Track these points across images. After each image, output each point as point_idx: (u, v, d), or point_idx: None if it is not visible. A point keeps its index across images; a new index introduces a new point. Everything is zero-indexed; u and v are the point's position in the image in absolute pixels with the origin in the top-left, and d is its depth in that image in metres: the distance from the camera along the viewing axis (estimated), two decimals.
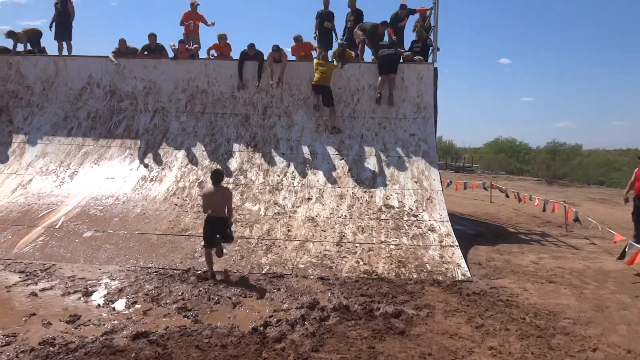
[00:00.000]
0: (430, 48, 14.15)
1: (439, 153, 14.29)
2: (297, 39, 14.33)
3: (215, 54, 14.81)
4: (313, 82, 13.25)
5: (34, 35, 15.44)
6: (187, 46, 14.58)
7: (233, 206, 9.16)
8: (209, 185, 8.96)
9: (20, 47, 15.24)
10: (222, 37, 14.69)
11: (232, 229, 8.89)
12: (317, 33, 15.20)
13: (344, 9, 15.45)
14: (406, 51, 14.06)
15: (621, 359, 5.71)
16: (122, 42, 14.61)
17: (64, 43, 15.57)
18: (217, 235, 8.52)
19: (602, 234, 12.70)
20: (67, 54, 15.48)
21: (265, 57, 13.70)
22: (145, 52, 14.72)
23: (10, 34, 15.01)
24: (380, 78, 13.40)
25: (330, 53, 14.13)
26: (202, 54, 15.13)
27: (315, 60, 13.42)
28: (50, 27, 15.51)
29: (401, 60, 13.66)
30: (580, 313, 7.26)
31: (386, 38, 14.43)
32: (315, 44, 14.87)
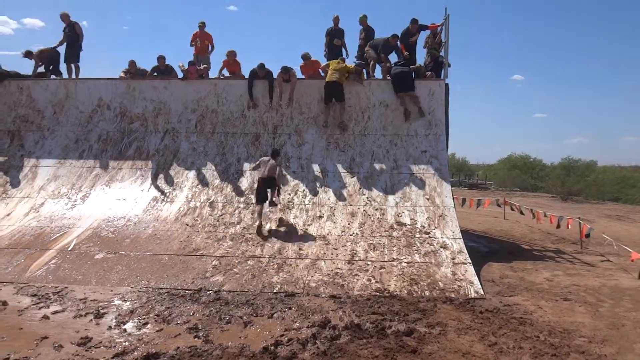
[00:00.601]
0: (442, 64, 14.13)
1: (452, 170, 14.27)
2: (305, 57, 14.36)
3: (226, 73, 14.89)
4: (327, 80, 13.33)
5: (51, 57, 15.61)
6: (197, 67, 14.67)
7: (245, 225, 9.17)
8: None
9: (41, 69, 15.48)
10: (231, 54, 14.76)
11: (276, 198, 11.60)
12: (327, 50, 15.26)
13: (353, 27, 15.56)
14: (418, 65, 14.07)
15: None
16: (132, 63, 14.76)
17: (72, 66, 15.75)
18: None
19: (617, 251, 12.54)
20: (74, 76, 15.64)
21: (275, 77, 13.75)
22: (155, 74, 14.82)
23: (28, 54, 15.23)
24: (398, 97, 13.43)
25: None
26: (213, 74, 15.22)
27: (332, 62, 13.55)
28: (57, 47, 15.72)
29: (414, 76, 13.67)
30: (596, 331, 7.14)
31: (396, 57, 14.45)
32: (324, 61, 14.90)
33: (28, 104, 14.88)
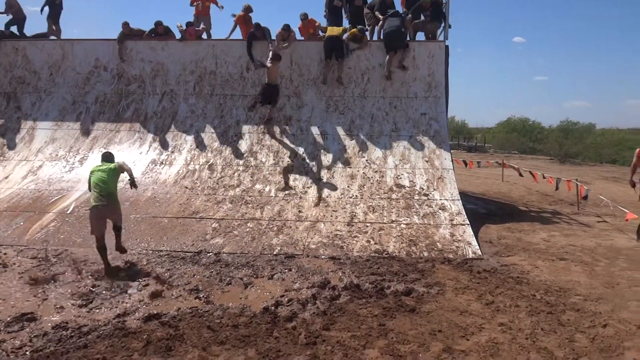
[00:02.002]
0: (442, 22, 13.94)
1: (451, 133, 14.23)
2: (303, 17, 14.19)
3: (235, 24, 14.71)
4: (327, 34, 13.29)
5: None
6: (195, 28, 14.45)
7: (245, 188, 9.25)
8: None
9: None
10: (247, 9, 14.57)
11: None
12: (327, 11, 15.03)
13: None
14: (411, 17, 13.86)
15: (631, 335, 5.67)
16: (126, 24, 14.37)
17: (54, 27, 15.49)
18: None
19: (613, 212, 12.63)
20: (54, 37, 15.44)
21: (274, 37, 13.59)
22: (153, 35, 14.57)
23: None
24: (387, 56, 13.29)
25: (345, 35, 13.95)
26: (215, 35, 15.00)
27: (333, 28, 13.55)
28: (42, 10, 15.45)
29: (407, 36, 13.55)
30: (591, 290, 7.23)
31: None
32: (324, 22, 14.71)
33: (24, 65, 14.71)
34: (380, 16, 13.82)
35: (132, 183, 8.41)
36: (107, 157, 8.72)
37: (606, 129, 50.14)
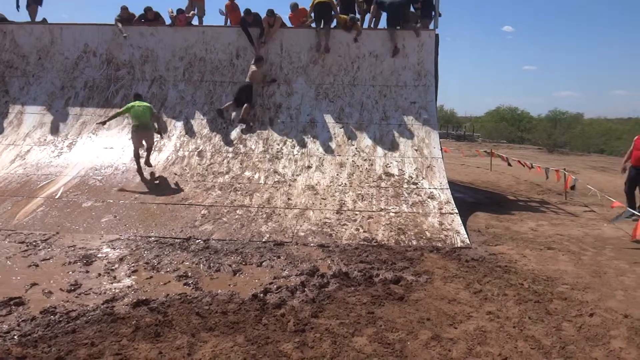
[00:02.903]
0: (433, 13, 13.92)
1: (440, 122, 14.23)
2: (293, 6, 14.14)
3: (224, 12, 14.75)
4: (316, 1, 13.34)
5: None
6: (186, 14, 14.35)
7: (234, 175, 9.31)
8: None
9: None
10: None
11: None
12: None
13: None
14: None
15: (618, 324, 5.73)
16: (125, 9, 14.27)
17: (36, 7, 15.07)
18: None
19: (601, 202, 12.72)
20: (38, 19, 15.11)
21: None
22: (143, 20, 14.49)
23: None
24: (389, 32, 13.35)
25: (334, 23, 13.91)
26: (207, 20, 14.96)
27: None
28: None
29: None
30: (578, 279, 7.28)
31: None
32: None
33: (12, 49, 14.55)
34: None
35: (159, 131, 12.17)
36: (139, 97, 12.16)
37: (594, 119, 50.52)
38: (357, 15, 14.15)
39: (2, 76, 14.28)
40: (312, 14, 13.54)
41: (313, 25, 13.62)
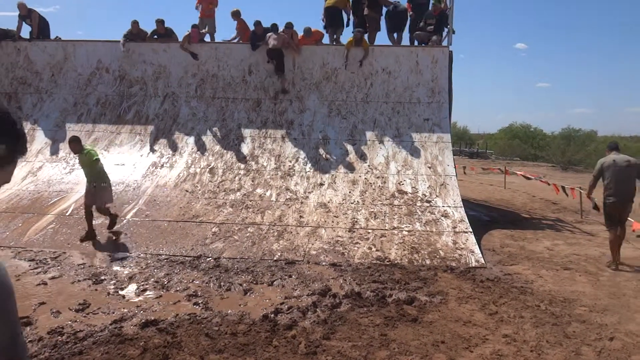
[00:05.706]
0: (446, 30, 13.86)
1: (453, 139, 14.08)
2: (307, 31, 13.99)
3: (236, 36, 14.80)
4: (326, 5, 13.64)
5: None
6: (199, 31, 14.37)
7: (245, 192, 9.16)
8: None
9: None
10: (235, 14, 14.61)
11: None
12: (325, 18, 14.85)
13: None
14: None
15: (639, 348, 5.55)
16: (135, 23, 14.33)
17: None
18: None
19: None
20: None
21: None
22: (155, 37, 14.53)
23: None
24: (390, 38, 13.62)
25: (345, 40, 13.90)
26: (219, 37, 15.04)
27: None
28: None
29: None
30: (597, 300, 7.11)
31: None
32: (321, 27, 14.63)
33: (26, 66, 14.61)
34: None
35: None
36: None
37: (608, 136, 50.03)
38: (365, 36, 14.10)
39: (15, 93, 14.31)
40: (324, 19, 13.65)
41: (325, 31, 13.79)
